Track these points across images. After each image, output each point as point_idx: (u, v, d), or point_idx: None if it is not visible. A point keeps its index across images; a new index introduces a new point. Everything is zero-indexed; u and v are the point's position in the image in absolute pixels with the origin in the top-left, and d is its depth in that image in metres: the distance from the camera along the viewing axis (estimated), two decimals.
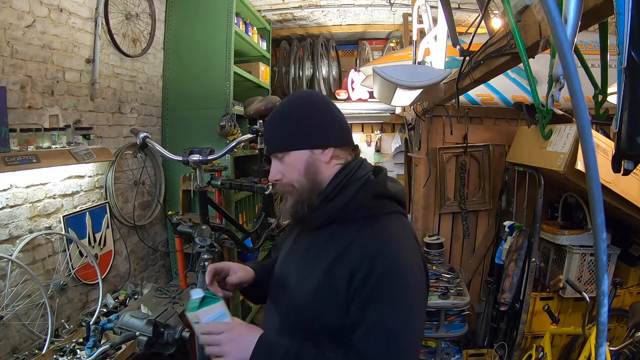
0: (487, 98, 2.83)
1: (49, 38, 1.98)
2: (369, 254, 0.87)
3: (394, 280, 0.85)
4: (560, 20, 0.49)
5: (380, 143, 4.32)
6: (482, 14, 1.41)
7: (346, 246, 0.90)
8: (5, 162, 1.59)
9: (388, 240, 0.90)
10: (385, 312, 0.83)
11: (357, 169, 0.97)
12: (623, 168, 0.80)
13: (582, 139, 0.50)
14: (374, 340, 0.82)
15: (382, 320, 0.83)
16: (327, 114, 0.98)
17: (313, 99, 1.00)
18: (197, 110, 2.97)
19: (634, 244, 2.65)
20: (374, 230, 0.91)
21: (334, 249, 0.91)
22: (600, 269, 0.54)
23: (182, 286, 2.25)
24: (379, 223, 0.93)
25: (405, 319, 0.84)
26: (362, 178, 0.96)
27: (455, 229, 3.36)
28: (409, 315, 0.85)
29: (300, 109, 0.97)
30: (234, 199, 2.99)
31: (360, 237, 0.90)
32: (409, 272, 0.88)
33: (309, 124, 0.96)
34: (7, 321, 1.70)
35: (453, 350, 2.91)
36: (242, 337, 0.85)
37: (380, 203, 0.95)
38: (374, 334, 0.83)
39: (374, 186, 0.95)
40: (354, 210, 0.93)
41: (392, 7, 3.65)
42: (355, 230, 0.92)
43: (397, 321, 0.83)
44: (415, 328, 0.86)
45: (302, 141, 0.96)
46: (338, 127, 0.99)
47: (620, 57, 0.72)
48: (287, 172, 0.97)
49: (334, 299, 0.88)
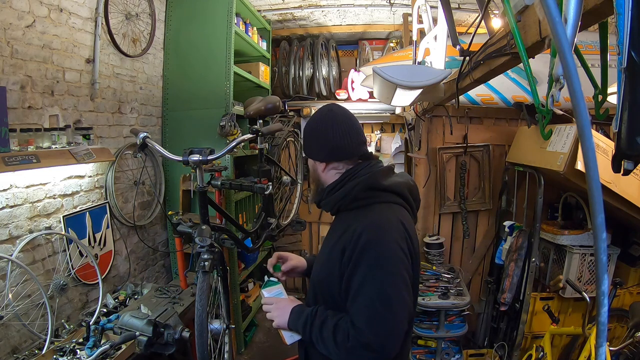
0: (487, 98, 2.83)
1: (49, 38, 1.98)
2: (357, 231, 1.08)
3: (373, 256, 1.05)
4: (560, 20, 0.49)
5: (380, 143, 4.31)
6: (482, 14, 1.41)
7: (344, 229, 1.14)
8: (5, 162, 1.59)
9: (372, 223, 1.10)
10: (366, 279, 1.04)
11: (358, 170, 1.21)
12: (623, 168, 0.80)
13: (582, 139, 0.50)
14: (357, 304, 1.04)
15: (363, 288, 1.04)
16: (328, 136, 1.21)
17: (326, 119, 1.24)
18: (197, 110, 2.97)
19: (634, 244, 2.65)
20: (364, 216, 1.13)
21: (337, 232, 1.18)
22: (600, 269, 0.54)
23: (182, 286, 2.25)
24: (371, 209, 1.15)
25: (381, 287, 1.03)
26: (361, 177, 1.19)
27: (455, 229, 3.36)
28: (385, 284, 1.03)
29: (319, 127, 1.24)
30: (234, 199, 2.99)
31: (354, 221, 1.13)
32: (388, 245, 1.06)
33: (317, 142, 1.25)
34: (7, 321, 1.71)
35: (453, 350, 2.91)
36: (285, 307, 1.22)
37: (374, 194, 1.17)
38: (358, 298, 1.04)
39: (367, 181, 1.17)
40: (352, 200, 1.18)
41: (392, 7, 3.64)
42: (353, 216, 1.16)
43: (374, 289, 1.02)
44: (390, 293, 1.03)
45: (313, 154, 1.28)
46: (335, 145, 1.21)
47: (620, 57, 0.72)
48: (310, 171, 1.34)
49: (332, 272, 1.13)
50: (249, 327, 3.50)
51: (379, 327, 1.00)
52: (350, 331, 1.03)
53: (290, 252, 1.52)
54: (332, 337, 1.07)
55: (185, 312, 2.24)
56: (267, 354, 3.30)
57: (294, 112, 3.79)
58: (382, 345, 1.01)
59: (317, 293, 1.24)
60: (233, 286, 3.01)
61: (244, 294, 3.45)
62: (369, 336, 1.00)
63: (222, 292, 1.95)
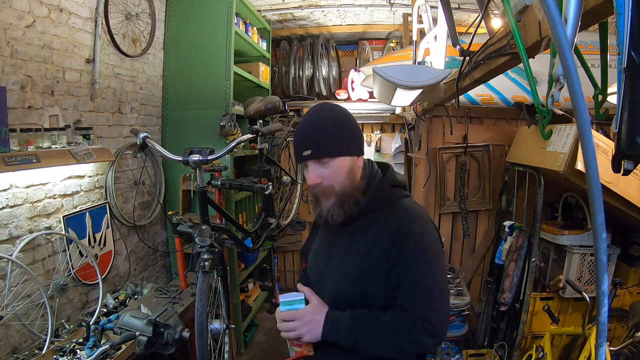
0: (487, 98, 2.83)
1: (49, 38, 1.98)
2: (402, 229, 1.07)
3: (424, 247, 1.07)
4: (560, 20, 0.49)
5: (380, 143, 4.31)
6: (482, 14, 1.41)
7: (376, 231, 1.10)
8: (5, 162, 1.59)
9: (414, 217, 1.11)
10: (421, 274, 1.05)
11: (372, 168, 1.19)
12: (623, 168, 0.80)
13: (582, 139, 0.50)
14: (415, 296, 1.04)
15: (420, 280, 1.05)
16: (358, 127, 1.17)
17: (347, 112, 1.16)
18: (197, 110, 2.97)
19: (634, 244, 2.65)
20: (398, 212, 1.12)
21: (367, 236, 1.11)
22: (600, 269, 0.54)
23: (182, 286, 2.25)
24: (400, 206, 1.14)
25: (437, 276, 1.08)
26: (377, 175, 1.17)
27: (455, 229, 3.36)
28: (440, 273, 1.10)
29: (345, 120, 1.13)
30: (234, 199, 2.99)
31: (388, 220, 1.10)
32: (434, 239, 1.11)
33: (353, 134, 1.14)
34: (7, 321, 1.70)
35: (453, 350, 2.91)
36: (312, 320, 1.08)
37: (395, 191, 1.17)
38: (414, 291, 1.05)
39: (389, 179, 1.17)
40: (376, 200, 1.13)
41: (392, 7, 3.65)
42: (381, 216, 1.12)
43: (431, 279, 1.06)
44: (443, 281, 1.11)
45: (349, 148, 1.11)
46: (362, 137, 1.19)
47: (620, 57, 0.72)
48: (331, 176, 1.09)
49: (375, 274, 1.08)
50: (249, 327, 3.50)
51: (441, 313, 1.06)
52: (415, 322, 1.02)
53: (290, 252, 1.46)
54: (393, 332, 1.03)
55: (185, 312, 2.24)
56: (267, 354, 3.30)
57: (294, 112, 3.79)
58: (443, 331, 1.06)
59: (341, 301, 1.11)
60: (233, 286, 3.01)
61: (244, 294, 3.45)
62: (436, 323, 1.02)
63: (222, 292, 1.95)
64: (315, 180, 1.09)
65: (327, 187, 1.10)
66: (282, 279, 4.35)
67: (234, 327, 2.27)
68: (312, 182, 1.10)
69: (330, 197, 1.10)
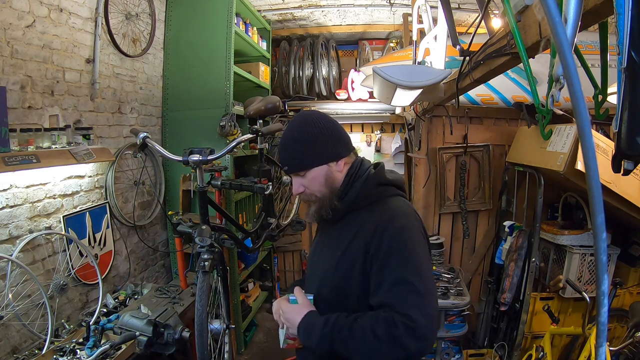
0: (487, 98, 2.83)
1: (49, 38, 1.98)
2: (380, 226, 1.07)
3: (403, 242, 1.05)
4: (560, 20, 0.49)
5: (380, 143, 4.31)
6: (482, 14, 1.41)
7: (358, 227, 1.11)
8: (5, 162, 1.59)
9: (394, 213, 1.11)
10: (401, 268, 1.02)
11: (359, 168, 1.18)
12: (623, 168, 0.80)
13: (582, 139, 0.50)
14: (397, 292, 1.01)
15: (400, 275, 1.01)
16: (333, 132, 1.17)
17: (319, 121, 1.17)
18: (197, 110, 2.97)
19: (634, 244, 2.65)
20: (382, 209, 1.13)
21: (350, 232, 1.13)
22: (600, 269, 0.54)
23: (182, 286, 2.25)
24: (384, 203, 1.15)
25: (418, 271, 1.03)
26: (365, 173, 1.17)
27: (455, 229, 3.36)
28: (421, 267, 1.04)
29: (313, 131, 1.15)
30: (234, 199, 2.99)
31: (370, 217, 1.11)
32: (414, 235, 1.08)
33: (323, 143, 1.15)
34: (7, 321, 1.70)
35: (453, 350, 2.91)
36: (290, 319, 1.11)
37: (382, 189, 1.17)
38: (397, 286, 1.01)
39: (375, 177, 1.17)
40: (362, 199, 1.15)
41: (392, 7, 3.64)
42: (365, 213, 1.13)
43: (412, 274, 1.02)
44: (427, 277, 1.05)
45: (319, 159, 1.15)
46: (343, 139, 1.19)
47: (620, 57, 0.72)
48: (310, 185, 1.17)
49: (352, 269, 1.09)
50: (249, 327, 3.50)
51: (426, 311, 0.98)
52: (395, 319, 0.96)
53: (290, 252, 1.48)
54: (371, 332, 0.97)
55: (185, 312, 2.24)
56: (267, 354, 3.30)
57: (294, 112, 3.79)
58: (429, 332, 0.97)
59: (324, 295, 1.15)
60: (233, 286, 3.01)
61: (244, 294, 3.45)
62: (421, 322, 0.95)
63: (222, 292, 1.95)
64: (299, 190, 1.19)
65: (309, 195, 1.19)
66: (282, 279, 4.35)
67: (234, 327, 2.27)
68: (296, 191, 1.20)
69: (314, 203, 1.20)
